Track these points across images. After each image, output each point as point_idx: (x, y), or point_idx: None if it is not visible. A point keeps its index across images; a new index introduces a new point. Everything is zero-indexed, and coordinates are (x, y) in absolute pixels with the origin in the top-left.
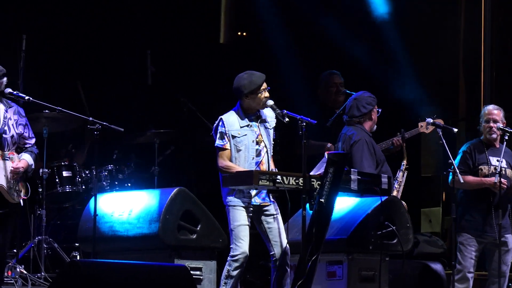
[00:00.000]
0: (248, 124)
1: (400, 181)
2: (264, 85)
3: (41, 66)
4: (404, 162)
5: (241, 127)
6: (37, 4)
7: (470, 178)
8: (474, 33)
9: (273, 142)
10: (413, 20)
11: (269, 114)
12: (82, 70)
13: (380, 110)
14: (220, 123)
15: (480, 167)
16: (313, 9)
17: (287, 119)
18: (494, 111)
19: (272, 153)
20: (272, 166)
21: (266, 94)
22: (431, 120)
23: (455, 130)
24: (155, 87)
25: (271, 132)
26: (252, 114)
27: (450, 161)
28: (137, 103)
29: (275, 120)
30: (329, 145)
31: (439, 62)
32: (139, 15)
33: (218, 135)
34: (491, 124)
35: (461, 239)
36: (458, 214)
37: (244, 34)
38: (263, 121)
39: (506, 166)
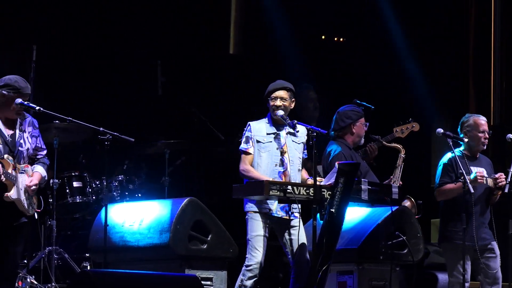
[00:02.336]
0: (275, 133)
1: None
2: (277, 94)
3: (52, 77)
4: (402, 153)
5: (267, 134)
6: (47, 15)
7: (451, 185)
8: (484, 42)
9: (301, 157)
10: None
11: (300, 129)
12: (93, 81)
13: (367, 124)
14: (248, 128)
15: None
16: (321, 20)
17: (297, 130)
18: (483, 121)
19: (300, 168)
20: (302, 177)
21: (277, 103)
22: (441, 130)
23: (466, 139)
24: (165, 97)
25: (300, 147)
26: (280, 125)
27: (460, 171)
28: (147, 113)
29: (306, 137)
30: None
31: (449, 71)
32: (150, 25)
33: (243, 139)
34: (487, 135)
35: (449, 250)
36: (441, 224)
37: (342, 39)
38: (292, 134)
39: (486, 176)
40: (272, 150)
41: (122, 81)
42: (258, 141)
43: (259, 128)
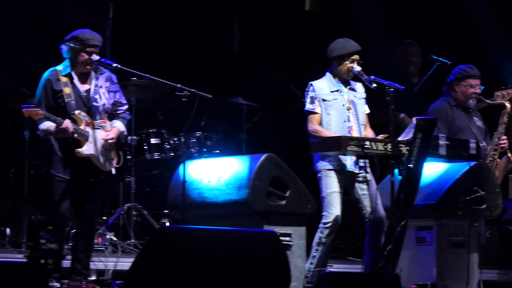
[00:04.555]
0: (338, 89)
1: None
2: (355, 57)
3: (128, 34)
4: (507, 109)
5: (331, 92)
6: None
7: None
8: None
9: (363, 112)
10: None
11: (358, 85)
12: (170, 37)
13: (482, 88)
14: (311, 88)
15: None
16: None
17: (374, 85)
18: None
19: (363, 122)
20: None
21: (354, 65)
22: None
23: None
24: (241, 54)
25: (361, 102)
26: (342, 82)
27: None
28: (224, 70)
29: (364, 94)
30: (402, 115)
31: None
32: None
33: (308, 100)
34: None
35: None
36: None
37: None
38: (353, 90)
39: None
40: (339, 107)
41: (199, 37)
42: (324, 100)
43: (321, 86)
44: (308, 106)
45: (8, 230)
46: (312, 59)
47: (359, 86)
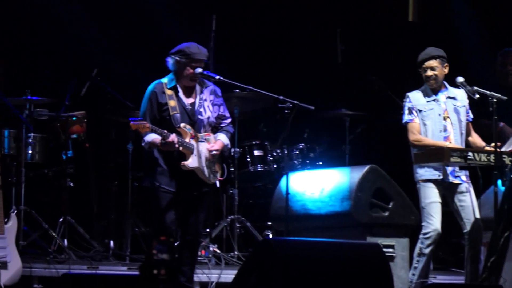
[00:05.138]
0: (434, 99)
1: None
2: (427, 64)
3: (231, 46)
4: None
5: (427, 102)
6: None
7: None
8: None
9: (463, 121)
10: None
11: (459, 93)
12: (272, 49)
13: None
14: (407, 99)
15: None
16: None
17: (477, 96)
18: None
19: (463, 131)
20: (477, 143)
21: (428, 73)
22: None
23: None
24: (345, 65)
25: (462, 110)
26: (439, 91)
27: None
28: (327, 81)
29: (466, 100)
30: (501, 124)
31: None
32: None
33: (406, 111)
34: None
35: None
36: None
37: None
38: (452, 98)
39: None
40: (434, 117)
41: (302, 49)
42: (420, 110)
43: (417, 97)
44: (407, 118)
45: (112, 243)
46: (415, 70)
47: (459, 93)
